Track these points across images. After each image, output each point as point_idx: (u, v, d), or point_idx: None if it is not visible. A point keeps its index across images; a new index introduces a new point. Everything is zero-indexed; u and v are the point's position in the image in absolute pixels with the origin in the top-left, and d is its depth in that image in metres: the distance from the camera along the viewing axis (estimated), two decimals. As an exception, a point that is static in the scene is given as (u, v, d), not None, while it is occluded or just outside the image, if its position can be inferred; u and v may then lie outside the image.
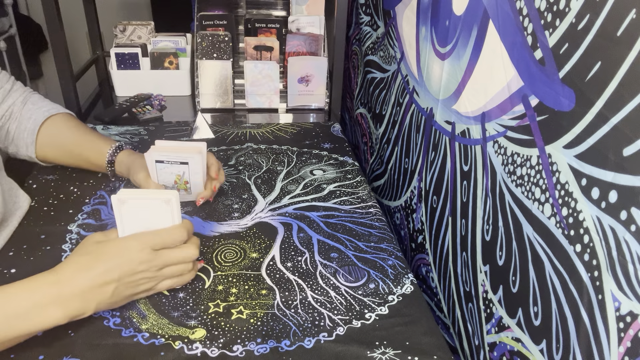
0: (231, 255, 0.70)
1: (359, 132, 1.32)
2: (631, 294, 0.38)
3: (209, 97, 1.22)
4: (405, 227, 0.95)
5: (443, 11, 0.72)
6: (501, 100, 0.57)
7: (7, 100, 0.80)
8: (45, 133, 0.81)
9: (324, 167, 0.95)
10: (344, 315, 0.61)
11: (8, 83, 0.81)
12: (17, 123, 0.81)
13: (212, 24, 1.25)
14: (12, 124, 0.81)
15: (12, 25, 2.14)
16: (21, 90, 0.83)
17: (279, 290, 0.64)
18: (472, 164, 0.65)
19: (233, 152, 0.99)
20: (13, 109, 0.81)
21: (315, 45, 1.24)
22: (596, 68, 0.41)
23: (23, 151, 0.82)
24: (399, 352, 0.56)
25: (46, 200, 0.79)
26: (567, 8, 0.44)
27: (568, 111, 0.45)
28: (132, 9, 2.40)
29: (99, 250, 0.57)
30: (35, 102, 0.83)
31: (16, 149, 0.82)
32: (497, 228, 0.59)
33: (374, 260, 0.71)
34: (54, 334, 0.55)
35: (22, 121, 0.81)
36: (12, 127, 0.81)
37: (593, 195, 0.42)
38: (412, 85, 0.88)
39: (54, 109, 0.83)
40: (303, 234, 0.75)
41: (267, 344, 0.56)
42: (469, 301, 0.68)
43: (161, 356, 0.54)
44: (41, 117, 0.81)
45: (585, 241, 0.43)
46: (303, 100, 1.25)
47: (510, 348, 0.57)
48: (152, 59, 1.26)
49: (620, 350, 0.39)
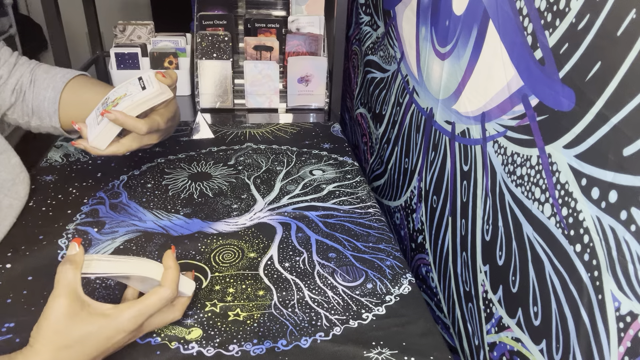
0: (229, 256, 0.70)
1: (359, 132, 1.31)
2: (631, 294, 0.38)
3: (208, 97, 1.22)
4: (405, 227, 0.95)
5: (443, 11, 0.72)
6: (501, 100, 0.57)
7: (15, 74, 0.78)
8: (69, 97, 0.79)
9: (324, 167, 0.95)
10: (341, 315, 0.61)
11: (12, 57, 0.79)
12: (34, 94, 0.78)
13: (211, 24, 1.25)
14: (28, 96, 0.79)
15: (12, 25, 2.14)
16: (27, 63, 0.81)
17: (276, 290, 0.64)
18: (472, 164, 0.65)
19: (233, 152, 0.99)
20: (22, 81, 0.79)
21: (315, 45, 1.24)
22: (596, 68, 0.41)
23: (47, 122, 0.80)
24: (395, 352, 0.56)
25: (44, 201, 0.79)
26: (567, 8, 0.44)
27: (568, 111, 0.45)
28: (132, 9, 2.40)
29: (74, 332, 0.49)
30: (48, 71, 0.81)
31: (39, 121, 0.80)
32: (497, 228, 0.59)
33: (372, 261, 0.70)
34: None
35: (39, 92, 0.78)
36: (29, 98, 0.78)
37: (593, 195, 0.42)
38: (412, 85, 0.88)
39: (69, 73, 0.81)
40: (302, 234, 0.75)
41: (263, 345, 0.56)
42: (468, 301, 0.68)
43: (157, 355, 0.54)
44: (60, 84, 0.79)
45: (585, 241, 0.43)
46: (303, 100, 1.25)
47: (510, 348, 0.56)
48: (151, 59, 1.26)
49: (620, 350, 0.39)
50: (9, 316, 0.58)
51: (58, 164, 0.90)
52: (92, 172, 0.88)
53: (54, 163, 0.90)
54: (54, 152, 0.94)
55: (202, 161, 0.94)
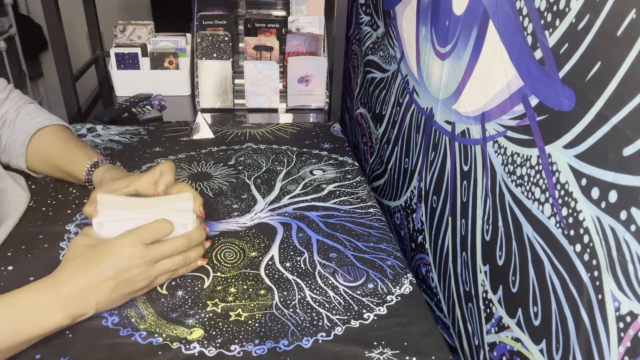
0: (230, 256, 0.70)
1: (359, 132, 1.31)
2: (631, 294, 0.38)
3: (208, 97, 1.22)
4: (405, 227, 0.95)
5: (443, 11, 0.72)
6: (501, 100, 0.57)
7: (1, 109, 0.79)
8: (35, 145, 0.79)
9: (324, 167, 0.95)
10: (342, 315, 0.61)
11: (4, 92, 0.80)
12: (10, 133, 0.79)
13: (212, 24, 1.25)
14: (4, 133, 0.79)
15: (12, 25, 2.14)
16: (17, 99, 0.82)
17: (278, 290, 0.64)
18: (472, 164, 0.65)
19: (233, 152, 0.99)
20: (6, 117, 0.79)
21: (315, 45, 1.24)
22: (596, 68, 0.41)
23: (14, 161, 0.80)
24: (397, 352, 0.56)
25: (44, 201, 0.79)
26: (567, 8, 0.44)
27: (568, 111, 0.45)
28: (132, 9, 2.40)
29: (91, 252, 0.57)
30: (30, 113, 0.81)
31: (8, 159, 0.81)
32: (497, 228, 0.59)
33: (373, 261, 0.71)
34: (51, 334, 0.55)
35: (14, 131, 0.79)
36: (5, 136, 0.79)
37: (593, 195, 0.42)
38: (412, 85, 0.88)
39: (47, 120, 0.81)
40: (302, 234, 0.75)
41: (264, 345, 0.56)
42: (468, 301, 0.68)
43: (159, 356, 0.54)
44: (32, 129, 0.79)
45: (585, 241, 0.43)
46: (303, 100, 1.25)
47: (510, 348, 0.57)
48: (152, 59, 1.26)
49: (620, 350, 0.39)
50: (10, 316, 0.58)
51: (58, 164, 0.90)
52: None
53: (55, 163, 0.90)
54: (55, 153, 0.94)
55: (203, 161, 0.95)
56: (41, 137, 0.80)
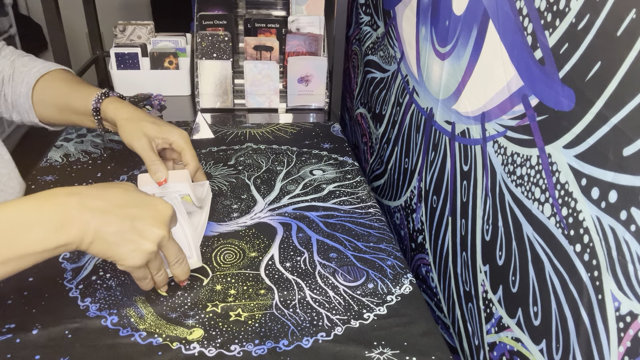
0: (230, 256, 0.70)
1: (359, 132, 1.31)
2: (631, 294, 0.38)
3: (208, 97, 1.22)
4: (405, 227, 0.95)
5: (443, 11, 0.72)
6: (501, 100, 0.57)
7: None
8: (38, 94, 0.77)
9: (324, 167, 0.95)
10: (342, 315, 0.61)
11: None
12: (12, 88, 0.78)
13: (211, 24, 1.25)
14: (7, 91, 0.78)
15: (12, 25, 2.14)
16: (10, 55, 0.80)
17: (278, 290, 0.64)
18: (472, 164, 0.65)
19: (233, 152, 0.99)
20: (3, 75, 0.78)
21: (315, 45, 1.24)
22: (596, 68, 0.41)
23: (26, 117, 0.79)
24: (397, 352, 0.56)
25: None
26: (567, 8, 0.44)
27: (568, 111, 0.45)
28: (132, 9, 2.40)
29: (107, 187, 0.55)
30: (26, 64, 0.79)
31: (20, 116, 0.79)
32: (497, 228, 0.59)
33: (373, 261, 0.71)
34: (51, 334, 0.55)
35: (15, 86, 0.78)
36: (8, 93, 0.78)
37: (593, 195, 0.42)
38: (412, 85, 0.88)
39: (44, 68, 0.79)
40: (302, 234, 0.75)
41: (264, 345, 0.56)
42: (468, 301, 0.68)
43: (159, 356, 0.54)
44: (32, 79, 0.77)
45: (585, 241, 0.43)
46: (303, 100, 1.25)
47: (510, 348, 0.57)
48: (152, 59, 1.26)
49: (620, 350, 0.39)
50: (10, 317, 0.58)
51: (58, 164, 0.90)
52: (92, 172, 0.88)
53: (54, 163, 0.90)
54: (54, 152, 0.94)
55: (202, 161, 0.95)
56: (43, 85, 0.78)
